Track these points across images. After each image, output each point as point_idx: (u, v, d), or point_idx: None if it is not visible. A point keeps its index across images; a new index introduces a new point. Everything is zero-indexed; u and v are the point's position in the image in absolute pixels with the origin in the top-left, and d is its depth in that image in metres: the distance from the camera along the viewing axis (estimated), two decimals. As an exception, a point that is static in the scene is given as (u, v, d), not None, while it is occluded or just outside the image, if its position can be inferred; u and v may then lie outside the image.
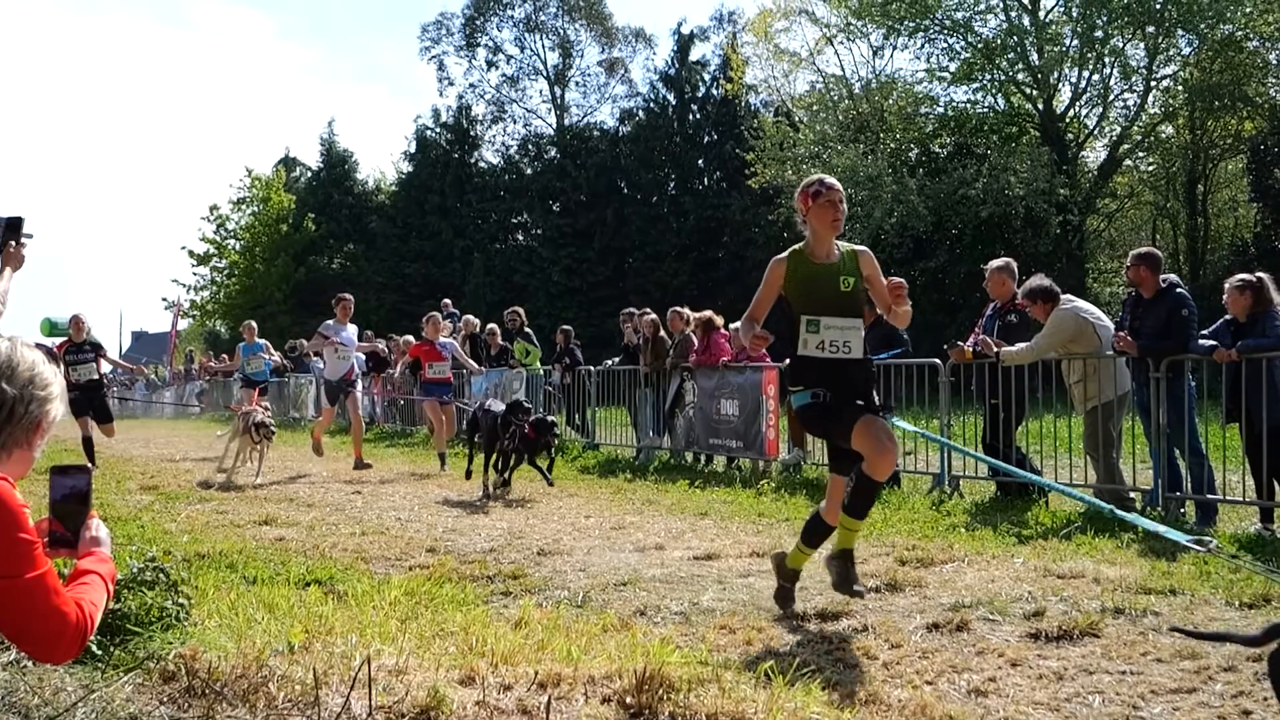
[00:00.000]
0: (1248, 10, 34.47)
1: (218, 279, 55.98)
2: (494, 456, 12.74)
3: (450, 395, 16.97)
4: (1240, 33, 35.21)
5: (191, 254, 55.59)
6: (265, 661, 4.40)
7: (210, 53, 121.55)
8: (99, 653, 4.49)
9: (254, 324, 22.19)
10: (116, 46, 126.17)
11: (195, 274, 56.25)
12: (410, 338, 25.63)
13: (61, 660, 2.84)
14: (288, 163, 58.91)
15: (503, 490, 12.50)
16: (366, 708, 4.10)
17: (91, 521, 3.07)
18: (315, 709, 4.05)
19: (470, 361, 17.35)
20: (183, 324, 58.42)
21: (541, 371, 19.61)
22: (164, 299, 63.49)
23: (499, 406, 12.93)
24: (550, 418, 13.19)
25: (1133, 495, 9.95)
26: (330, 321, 15.96)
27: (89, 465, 3.15)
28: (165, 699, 4.16)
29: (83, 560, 2.99)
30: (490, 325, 20.34)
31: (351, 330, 16.16)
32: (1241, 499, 9.40)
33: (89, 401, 16.32)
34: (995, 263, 11.44)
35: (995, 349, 10.53)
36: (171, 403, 39.36)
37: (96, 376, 16.81)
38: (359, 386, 16.64)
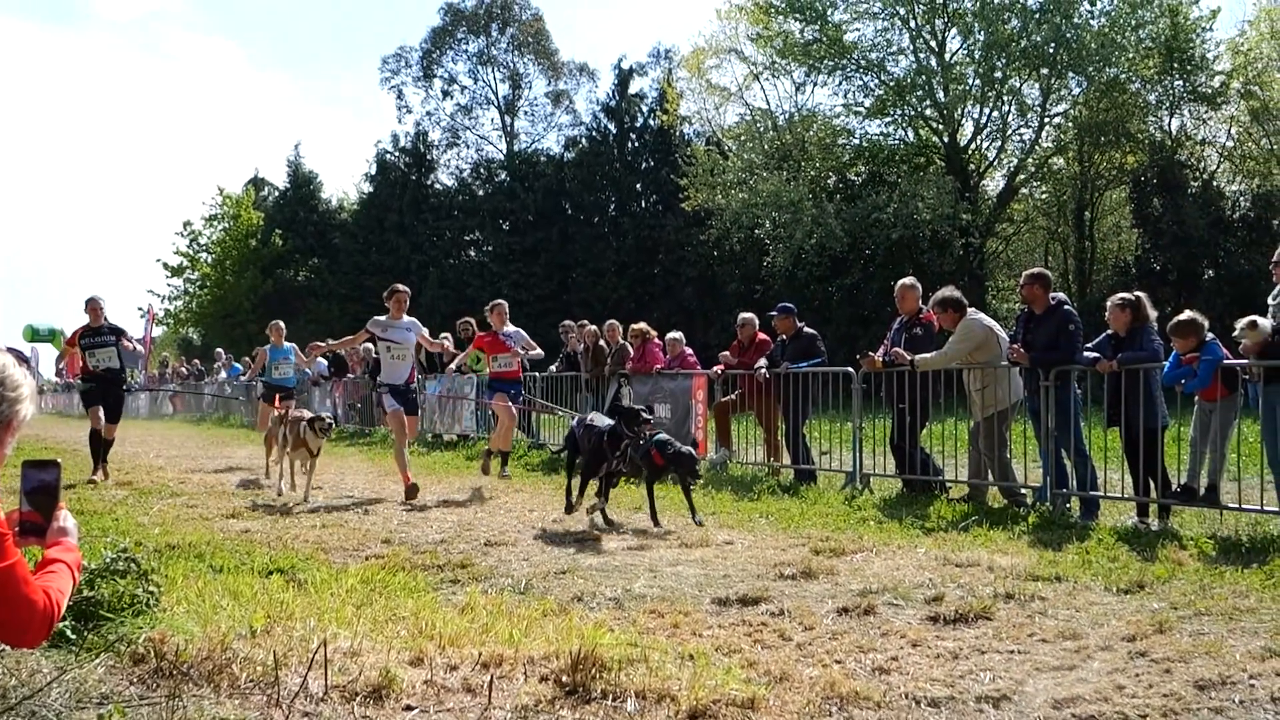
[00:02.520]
0: (1130, 55, 35.09)
1: (190, 289, 55.31)
2: (596, 480, 9.85)
3: (522, 392, 14.46)
4: (1124, 75, 35.78)
5: (166, 266, 55.02)
6: (229, 645, 4.37)
7: (185, 79, 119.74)
8: (73, 637, 4.44)
9: (282, 324, 18.54)
10: (99, 71, 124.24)
11: (169, 285, 55.56)
12: (369, 345, 25.31)
13: (30, 645, 2.81)
14: (257, 182, 58.26)
15: (600, 515, 9.63)
16: (322, 687, 4.08)
17: (60, 513, 3.04)
18: (275, 688, 4.02)
19: (529, 351, 14.21)
20: (157, 331, 57.51)
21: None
22: (139, 307, 62.49)
23: (604, 421, 10.08)
24: (692, 451, 10.06)
25: (1024, 491, 10.08)
26: (381, 317, 12.42)
27: (58, 460, 3.07)
28: (135, 680, 4.11)
29: (50, 549, 2.97)
30: (444, 334, 20.18)
31: (409, 325, 12.41)
32: (1120, 495, 9.54)
33: (104, 393, 13.94)
34: (904, 281, 11.59)
35: (909, 358, 10.64)
36: (148, 403, 38.72)
37: (117, 364, 14.06)
38: (415, 389, 13.08)
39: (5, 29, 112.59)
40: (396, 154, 53.95)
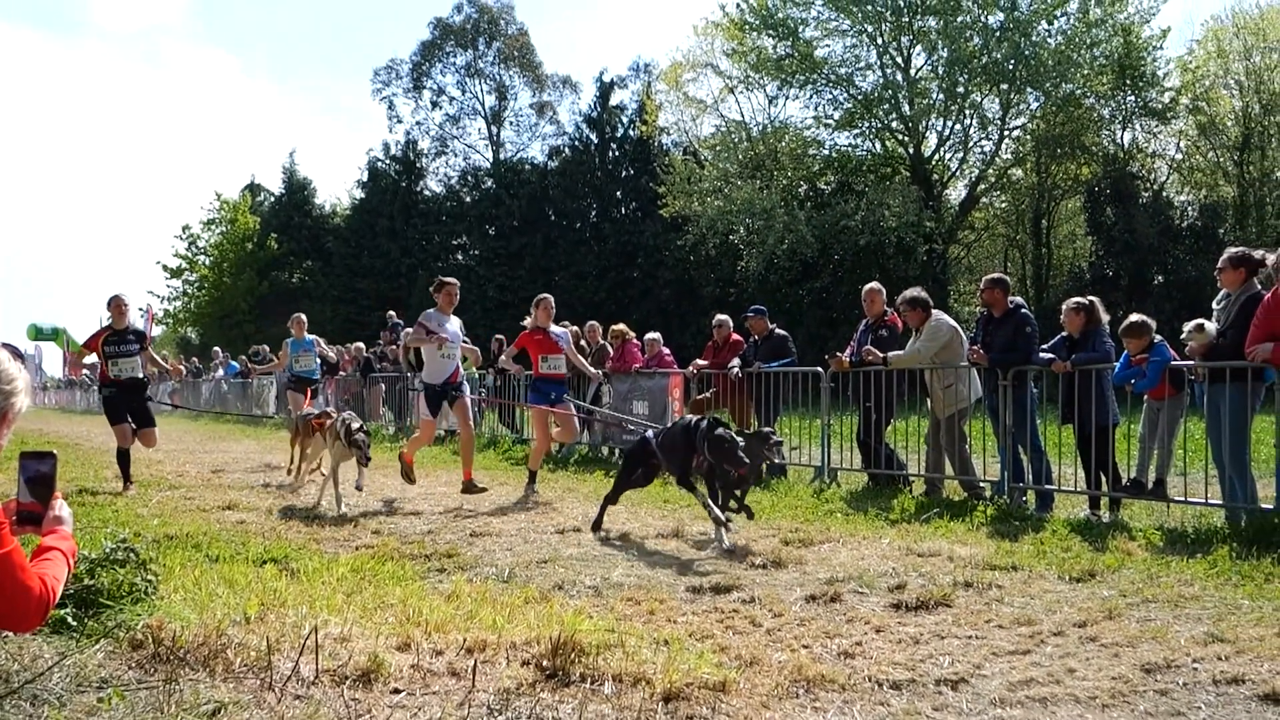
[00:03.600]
0: (1085, 72, 35.30)
1: (189, 290, 55.04)
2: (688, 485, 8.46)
3: (567, 394, 12.46)
4: (1079, 91, 35.99)
5: (165, 268, 54.77)
6: (224, 631, 4.36)
7: (184, 89, 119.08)
8: (74, 623, 4.41)
9: (304, 317, 17.20)
10: (102, 80, 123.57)
11: (169, 286, 55.27)
12: (360, 345, 25.15)
13: (26, 629, 2.80)
14: (253, 188, 58.02)
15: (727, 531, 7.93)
16: (314, 671, 4.08)
17: (55, 502, 3.03)
18: (268, 672, 4.01)
19: (584, 363, 12.88)
20: (157, 330, 57.12)
21: (477, 375, 19.47)
22: (140, 308, 62.11)
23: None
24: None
25: (983, 485, 10.13)
26: (431, 311, 11.13)
27: (54, 451, 3.06)
28: (133, 664, 4.10)
29: (46, 537, 2.96)
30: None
31: (456, 324, 11.27)
32: (1074, 489, 9.59)
33: (128, 402, 11.78)
34: (870, 286, 11.64)
35: (882, 355, 10.67)
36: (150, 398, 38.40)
37: (141, 374, 12.00)
38: (467, 390, 11.39)
39: (14, 40, 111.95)
40: (387, 162, 53.78)
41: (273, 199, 57.51)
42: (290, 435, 13.53)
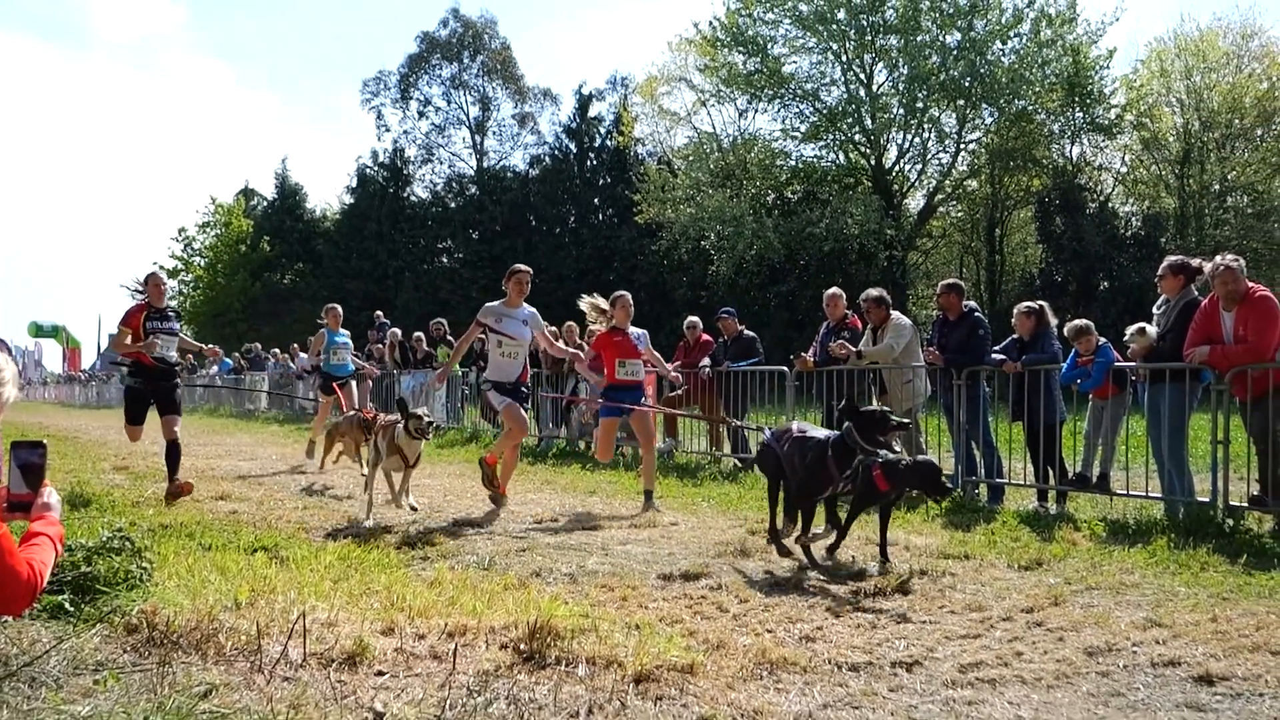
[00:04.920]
0: (1037, 89, 35.57)
1: (185, 290, 54.55)
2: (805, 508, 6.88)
3: (644, 398, 10.42)
4: (1031, 107, 36.27)
5: (162, 268, 54.12)
6: (216, 616, 4.33)
7: (180, 96, 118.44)
8: (71, 609, 4.38)
9: (339, 308, 15.41)
10: (101, 87, 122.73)
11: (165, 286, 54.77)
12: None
13: (14, 612, 2.78)
14: (247, 193, 57.60)
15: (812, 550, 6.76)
16: (301, 654, 4.06)
17: (44, 489, 3.01)
18: (258, 656, 4.00)
19: (665, 365, 10.77)
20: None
21: (459, 373, 19.42)
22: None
23: (820, 432, 7.05)
24: (933, 461, 6.90)
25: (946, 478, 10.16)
26: (495, 304, 9.39)
27: (44, 441, 3.06)
28: (128, 648, 4.07)
29: (35, 523, 2.94)
30: (417, 334, 20.11)
31: (527, 316, 9.39)
32: (1023, 482, 9.65)
33: (154, 393, 10.19)
34: (831, 290, 11.67)
35: (855, 351, 10.68)
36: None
37: (174, 355, 10.33)
38: (525, 395, 9.56)
39: (19, 49, 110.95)
40: (375, 169, 53.53)
41: (265, 203, 57.09)
42: (327, 434, 12.33)
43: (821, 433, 7.01)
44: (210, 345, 11.43)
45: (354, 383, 14.60)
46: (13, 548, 2.65)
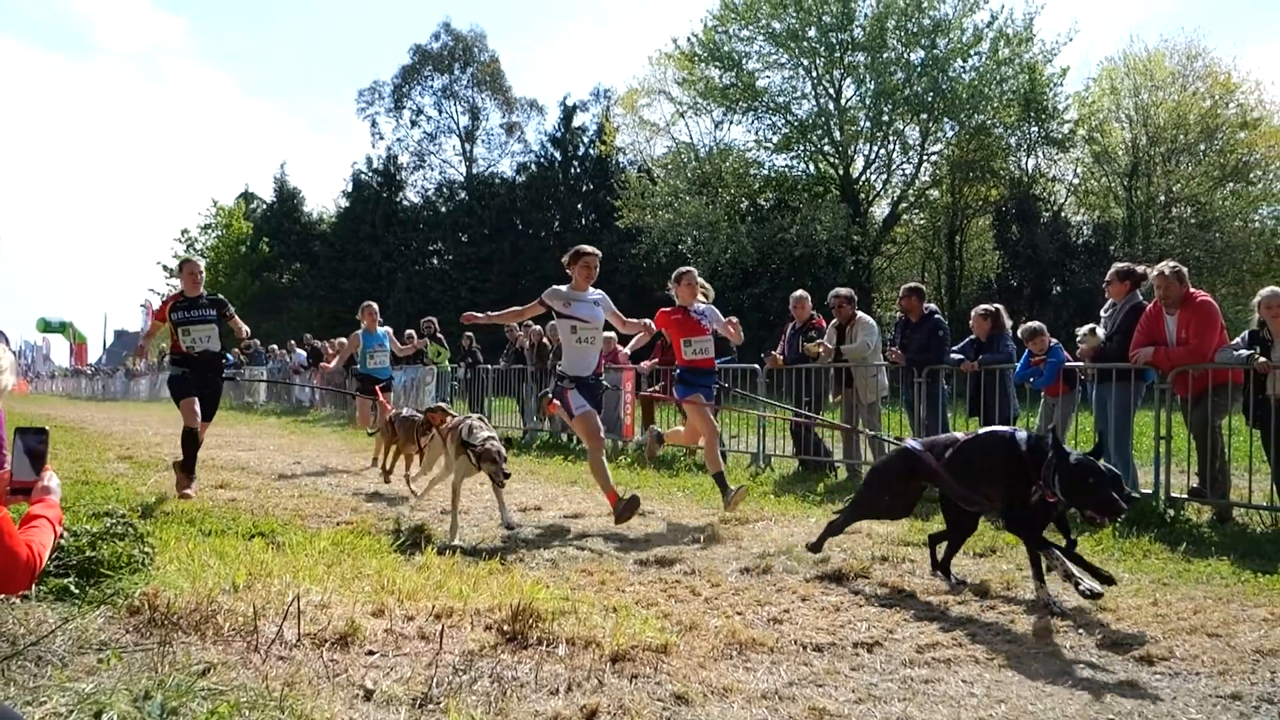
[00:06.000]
0: (995, 105, 35.77)
1: (186, 289, 54.16)
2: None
3: (717, 385, 9.07)
4: (989, 122, 36.44)
5: (165, 268, 53.87)
6: (214, 598, 4.31)
7: (184, 104, 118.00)
8: (76, 591, 4.36)
9: (374, 306, 13.29)
10: (109, 95, 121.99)
11: (168, 284, 54.24)
12: (344, 340, 24.56)
13: (12, 591, 2.76)
14: (247, 196, 57.25)
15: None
16: (296, 635, 4.05)
17: (45, 474, 3.00)
18: (254, 636, 3.98)
19: (732, 331, 8.70)
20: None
21: (449, 369, 19.39)
22: (141, 305, 61.16)
23: (1024, 434, 5.46)
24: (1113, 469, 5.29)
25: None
26: (559, 287, 8.14)
27: (47, 428, 3.06)
28: (131, 629, 4.05)
29: (35, 506, 2.93)
30: (409, 331, 20.03)
31: (598, 299, 8.16)
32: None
33: (201, 380, 9.16)
34: (796, 294, 11.73)
35: (831, 348, 10.71)
36: (146, 388, 37.90)
37: (217, 346, 9.31)
38: (607, 385, 8.61)
39: (28, 59, 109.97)
40: (370, 174, 53.32)
41: (265, 206, 56.74)
42: (382, 440, 10.84)
43: (1023, 434, 5.47)
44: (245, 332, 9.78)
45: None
46: (13, 530, 2.63)
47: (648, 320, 8.64)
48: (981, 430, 5.89)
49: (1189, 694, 3.98)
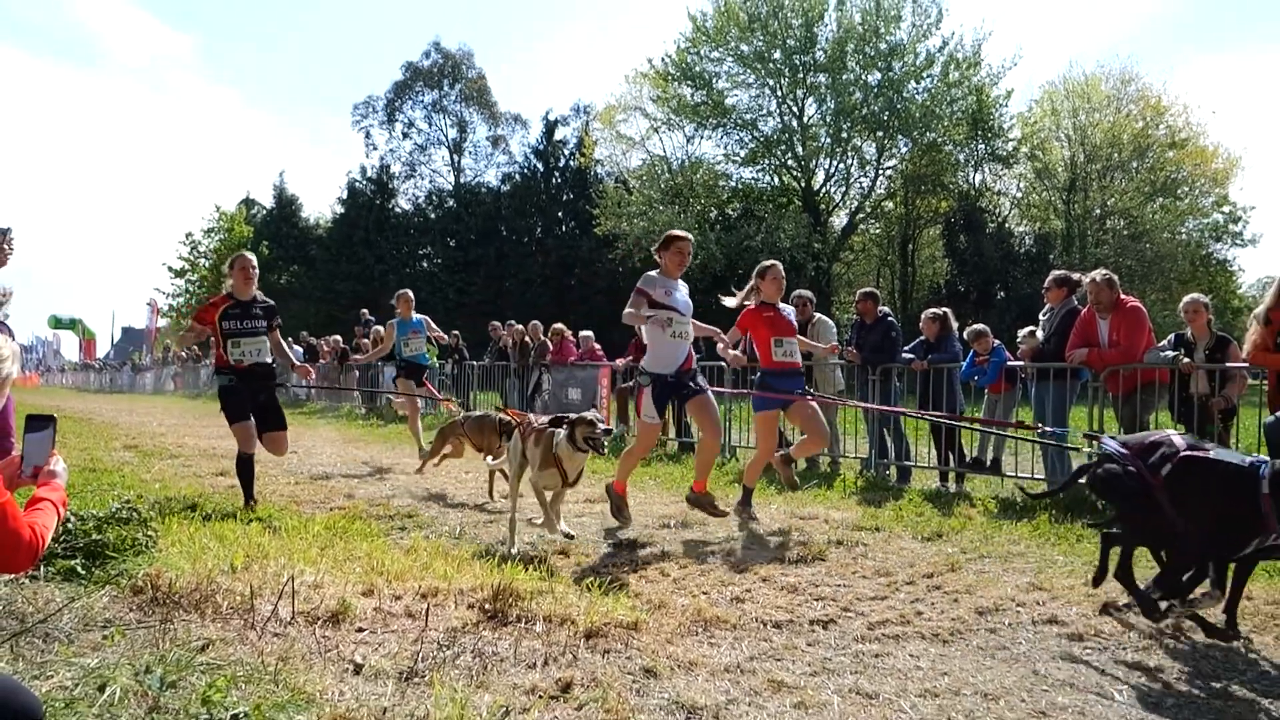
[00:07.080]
0: (946, 123, 36.02)
1: (190, 288, 53.54)
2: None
3: (804, 386, 7.76)
4: (940, 139, 36.69)
5: (170, 269, 53.07)
6: (214, 579, 4.28)
7: (189, 115, 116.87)
8: (83, 572, 4.32)
9: (410, 293, 12.03)
10: (117, 105, 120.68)
11: (173, 284, 53.53)
12: (338, 338, 24.44)
13: (16, 571, 2.72)
14: (248, 202, 56.56)
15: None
16: (290, 613, 4.03)
17: (52, 458, 2.98)
18: (251, 614, 3.96)
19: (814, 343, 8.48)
20: (162, 322, 55.63)
21: (437, 364, 19.30)
22: (147, 303, 60.50)
23: (1233, 456, 4.28)
24: None
25: (856, 459, 10.27)
26: (653, 274, 6.68)
27: (54, 415, 3.03)
28: (134, 607, 4.02)
29: (40, 489, 2.90)
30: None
31: (686, 291, 6.90)
32: (927, 465, 9.79)
33: (253, 395, 7.39)
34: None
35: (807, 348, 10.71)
36: (151, 382, 37.50)
37: (269, 358, 7.56)
38: (705, 383, 6.98)
39: (40, 70, 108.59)
40: (364, 183, 53.00)
41: (265, 212, 56.20)
42: (439, 433, 9.65)
43: (1235, 456, 4.29)
44: (303, 365, 8.25)
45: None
46: (17, 513, 2.60)
47: (715, 329, 7.49)
48: (1210, 449, 4.36)
49: (1115, 665, 4.04)
